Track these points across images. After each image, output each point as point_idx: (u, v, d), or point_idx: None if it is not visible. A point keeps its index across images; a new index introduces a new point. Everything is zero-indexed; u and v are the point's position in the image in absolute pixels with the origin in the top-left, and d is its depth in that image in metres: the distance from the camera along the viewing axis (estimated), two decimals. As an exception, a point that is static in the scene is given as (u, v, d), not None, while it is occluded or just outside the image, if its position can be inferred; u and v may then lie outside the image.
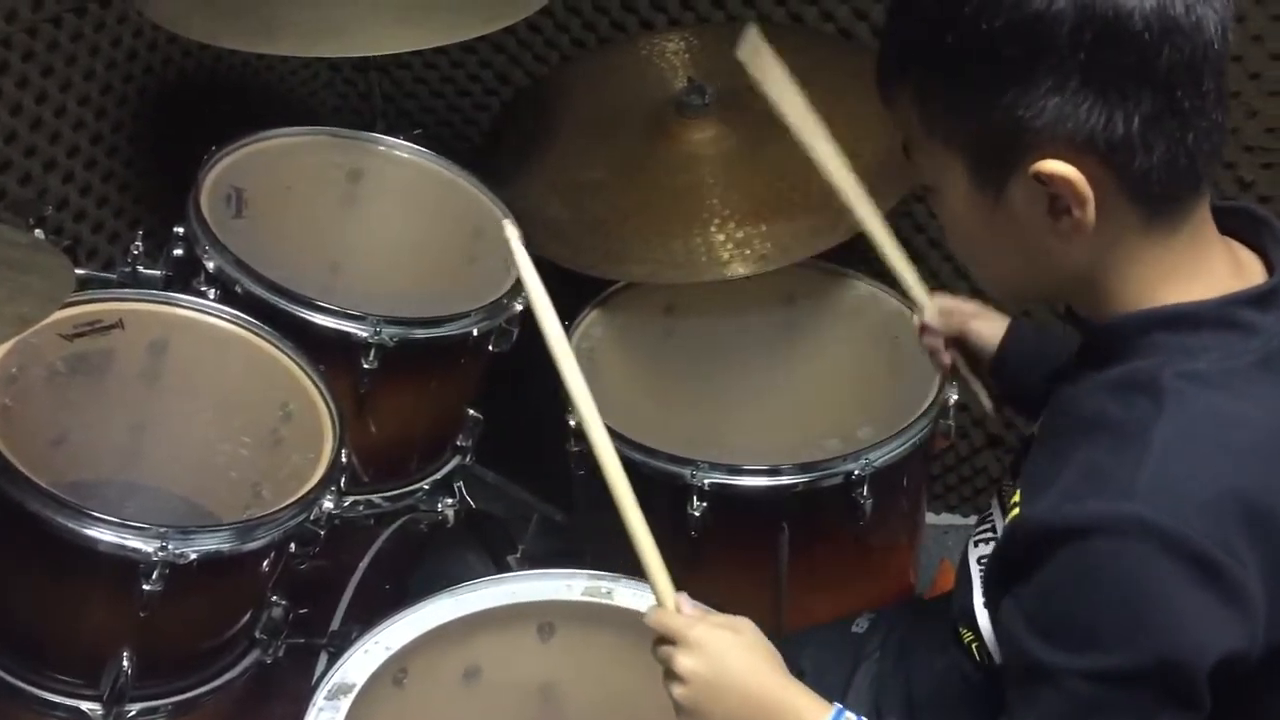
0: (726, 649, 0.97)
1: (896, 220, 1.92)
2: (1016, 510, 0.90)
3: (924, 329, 1.33)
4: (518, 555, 1.71)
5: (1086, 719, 0.82)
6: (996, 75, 0.83)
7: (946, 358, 1.32)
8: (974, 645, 1.01)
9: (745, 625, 1.00)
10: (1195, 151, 0.84)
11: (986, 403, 1.32)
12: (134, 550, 1.14)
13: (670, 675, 0.98)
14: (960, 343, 1.31)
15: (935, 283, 1.90)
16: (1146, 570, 0.79)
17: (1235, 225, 0.92)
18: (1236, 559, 0.79)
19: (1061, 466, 0.85)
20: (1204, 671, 0.80)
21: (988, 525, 1.08)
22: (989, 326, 1.29)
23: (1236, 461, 0.81)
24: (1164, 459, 0.80)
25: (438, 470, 1.59)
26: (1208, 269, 0.89)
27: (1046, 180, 0.84)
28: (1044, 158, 0.83)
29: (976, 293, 1.96)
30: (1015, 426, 1.97)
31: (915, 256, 1.93)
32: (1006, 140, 0.84)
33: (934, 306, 1.33)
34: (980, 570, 1.02)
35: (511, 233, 1.08)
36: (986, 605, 0.98)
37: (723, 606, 1.24)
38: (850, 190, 1.34)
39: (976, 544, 1.06)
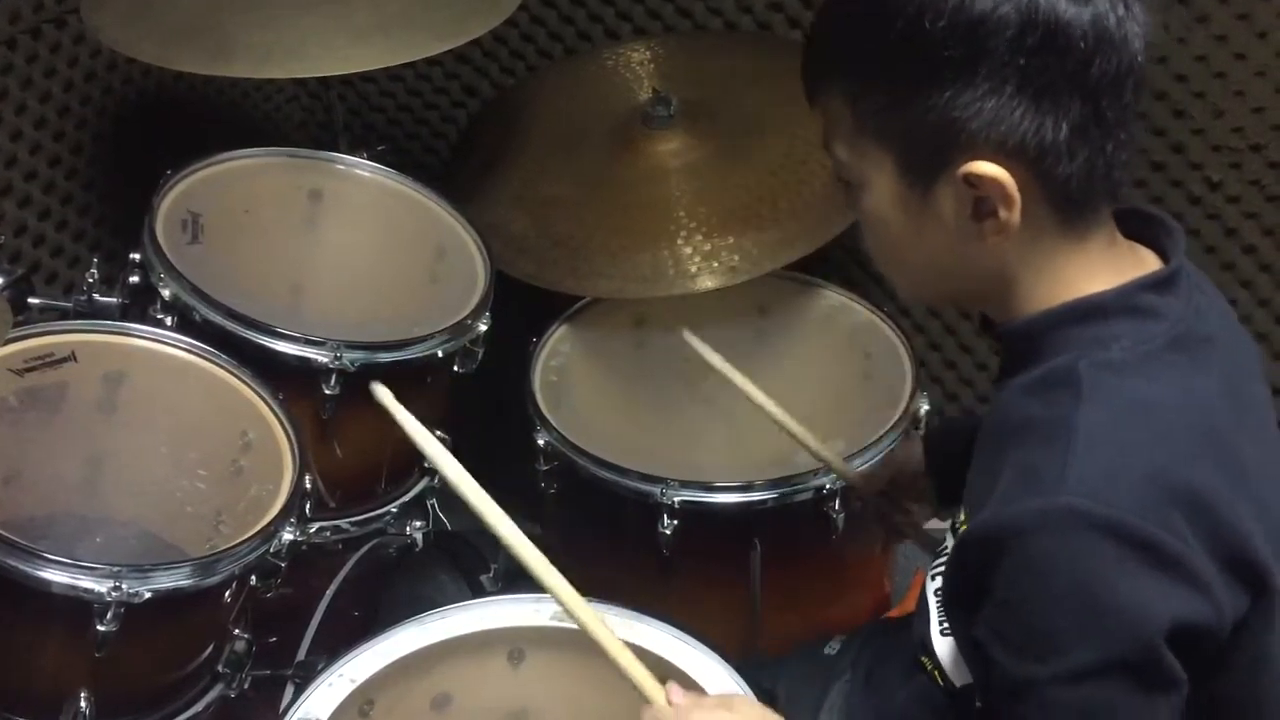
0: None
1: (844, 251, 1.92)
2: (964, 528, 0.91)
3: (858, 497, 1.36)
4: (490, 574, 1.69)
5: None
6: (935, 75, 0.84)
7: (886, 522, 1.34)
8: (936, 672, 1.01)
9: (739, 702, 1.01)
10: (1113, 160, 0.87)
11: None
12: (87, 590, 1.12)
13: None
14: (898, 480, 1.33)
15: (907, 320, 1.89)
16: (1090, 560, 0.80)
17: (1129, 225, 0.94)
18: (1176, 535, 0.80)
19: (996, 476, 0.86)
20: (1161, 642, 0.80)
21: (944, 558, 1.07)
22: (909, 448, 1.32)
23: (1159, 443, 0.83)
24: (1089, 447, 0.82)
25: (405, 493, 1.58)
26: (1113, 266, 0.91)
27: (976, 182, 0.86)
28: (975, 159, 0.85)
29: (932, 315, 1.96)
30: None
31: (879, 299, 1.90)
32: (939, 140, 0.86)
33: (857, 479, 1.37)
34: (937, 601, 1.02)
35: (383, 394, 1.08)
36: (947, 625, 0.98)
37: (696, 625, 1.24)
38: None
39: (934, 576, 1.06)
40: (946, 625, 1.00)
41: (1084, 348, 0.87)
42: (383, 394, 1.07)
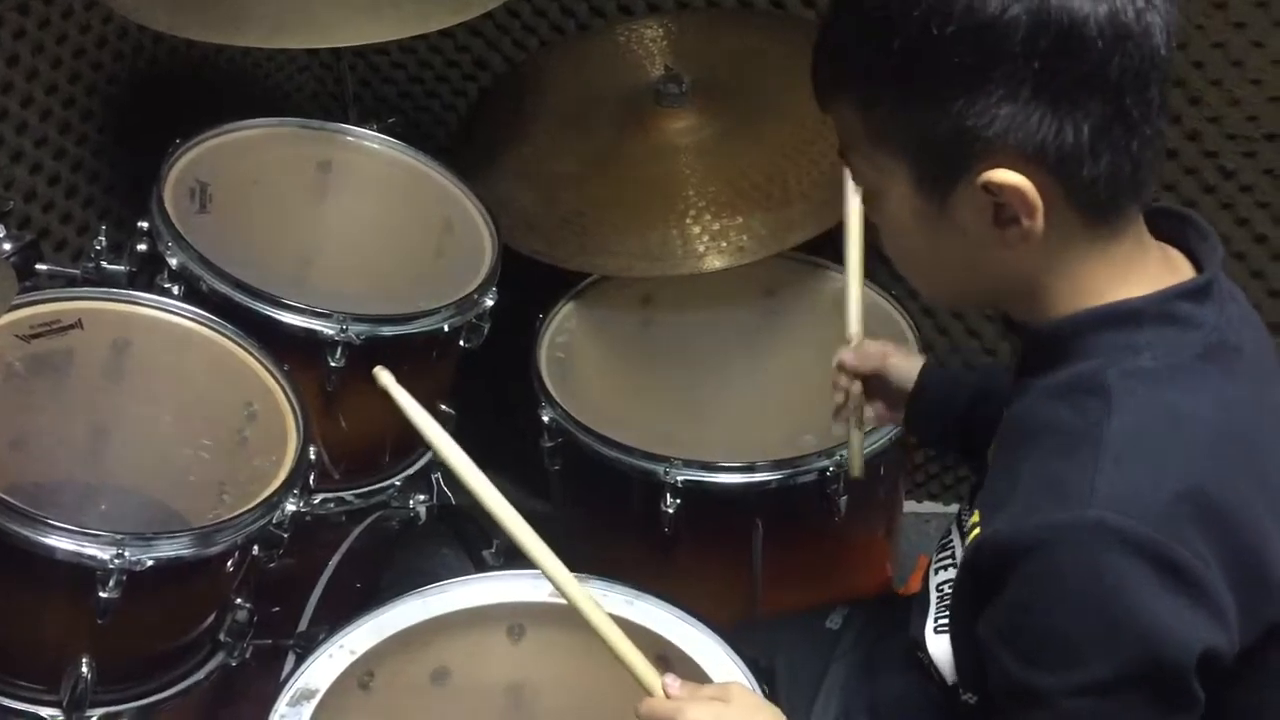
0: None
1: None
2: (977, 531, 0.89)
3: (840, 365, 1.32)
4: (493, 550, 1.69)
5: None
6: (946, 83, 0.81)
7: (840, 395, 1.32)
8: (931, 667, 1.00)
9: (735, 692, 0.99)
10: (1140, 159, 0.84)
11: (856, 460, 1.34)
12: (90, 558, 1.12)
13: None
14: (877, 380, 1.30)
15: (914, 303, 1.89)
16: (1113, 575, 0.78)
17: (1160, 226, 0.92)
18: (1199, 557, 0.79)
19: (1016, 480, 0.84)
20: (1191, 668, 0.79)
21: (948, 551, 1.07)
22: (907, 363, 1.28)
23: (1190, 457, 0.81)
24: (1119, 461, 0.80)
25: (409, 466, 1.58)
26: (1144, 270, 0.88)
27: (995, 190, 0.83)
28: (993, 167, 0.82)
29: (956, 317, 1.95)
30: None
31: (885, 281, 1.87)
32: (954, 149, 0.83)
33: (858, 344, 1.33)
34: (938, 596, 1.01)
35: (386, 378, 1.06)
36: (951, 625, 0.96)
37: (697, 603, 1.24)
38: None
39: (937, 570, 1.05)
40: (942, 622, 0.99)
41: (1113, 354, 0.85)
42: (385, 379, 1.07)
